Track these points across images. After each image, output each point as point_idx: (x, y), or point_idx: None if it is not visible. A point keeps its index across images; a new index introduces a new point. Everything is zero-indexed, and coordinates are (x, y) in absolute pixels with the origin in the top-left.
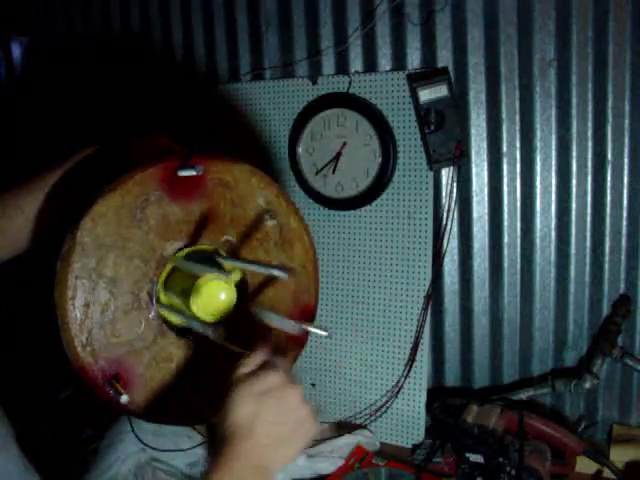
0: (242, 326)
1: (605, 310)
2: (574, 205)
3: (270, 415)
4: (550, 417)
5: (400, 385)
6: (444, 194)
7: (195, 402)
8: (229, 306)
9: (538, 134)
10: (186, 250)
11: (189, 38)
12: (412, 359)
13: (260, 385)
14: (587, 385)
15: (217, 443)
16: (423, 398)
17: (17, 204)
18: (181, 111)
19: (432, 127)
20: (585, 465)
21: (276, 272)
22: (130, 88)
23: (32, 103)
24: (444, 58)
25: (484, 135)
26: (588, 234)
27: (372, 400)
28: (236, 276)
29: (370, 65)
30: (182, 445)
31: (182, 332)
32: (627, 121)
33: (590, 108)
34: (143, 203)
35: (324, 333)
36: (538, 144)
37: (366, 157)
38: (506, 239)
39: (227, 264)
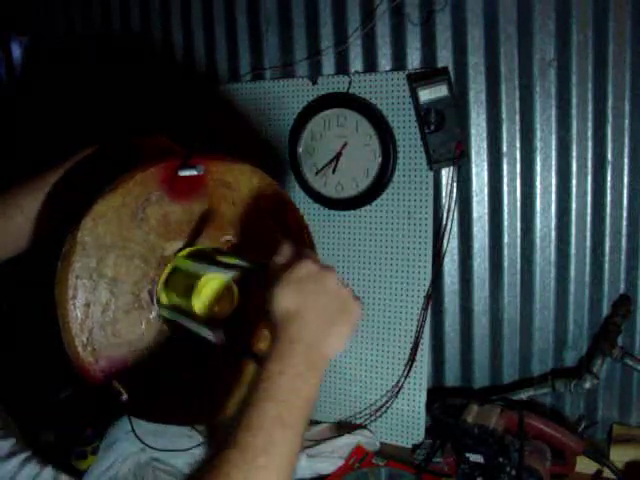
0: (244, 324)
1: (605, 310)
2: (574, 205)
3: (313, 298)
4: (550, 417)
5: (400, 385)
6: (444, 194)
7: (195, 402)
8: (231, 304)
9: (538, 134)
10: (186, 250)
11: (189, 38)
12: (412, 359)
13: (298, 272)
14: (587, 385)
15: (271, 333)
16: (423, 398)
17: (17, 203)
18: (181, 111)
19: (432, 127)
20: (585, 465)
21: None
22: (130, 88)
23: (32, 103)
24: (444, 58)
25: (484, 135)
26: (588, 234)
27: (372, 400)
28: (236, 274)
29: (370, 65)
30: (182, 445)
31: (183, 332)
32: (627, 121)
33: (590, 108)
34: (144, 203)
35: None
36: (538, 144)
37: (366, 157)
38: (506, 239)
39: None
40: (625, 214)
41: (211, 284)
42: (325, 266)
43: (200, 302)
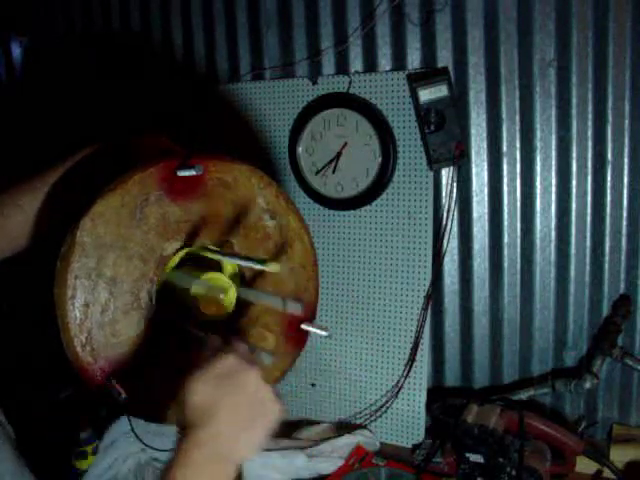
0: (242, 328)
1: (605, 310)
2: (574, 205)
3: (228, 399)
4: (550, 417)
5: (400, 385)
6: (444, 194)
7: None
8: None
9: (538, 134)
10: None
11: (189, 38)
12: (412, 359)
13: (215, 369)
14: (587, 385)
15: (179, 433)
16: (423, 398)
17: (16, 203)
18: (181, 111)
19: (432, 127)
20: (585, 465)
21: (257, 266)
22: (130, 88)
23: (32, 103)
24: (444, 58)
25: (484, 135)
26: (588, 234)
27: (372, 400)
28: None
29: (370, 65)
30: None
31: (182, 332)
32: (627, 121)
33: (590, 108)
34: (143, 203)
35: (324, 333)
36: (538, 144)
37: (366, 157)
38: (506, 239)
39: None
40: (625, 214)
41: (208, 281)
42: (248, 362)
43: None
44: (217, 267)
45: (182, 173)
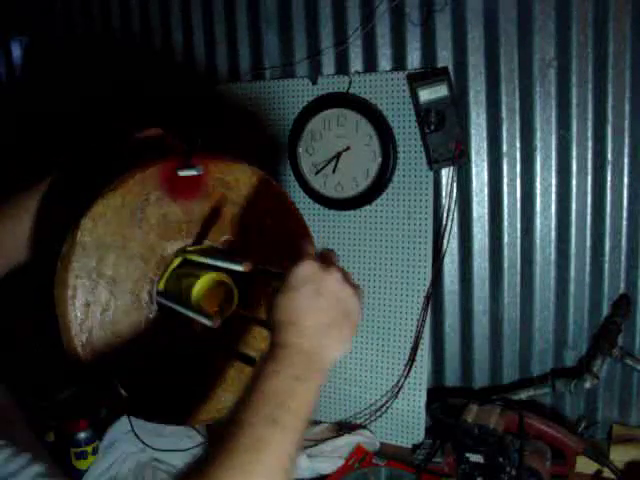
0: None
1: (605, 310)
2: (574, 205)
3: (310, 303)
4: (550, 417)
5: (400, 385)
6: (444, 194)
7: (195, 402)
8: (230, 304)
9: (538, 134)
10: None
11: (189, 38)
12: (412, 359)
13: (296, 275)
14: (587, 385)
15: (270, 338)
16: (423, 398)
17: (25, 206)
18: (181, 111)
19: (432, 127)
20: (585, 465)
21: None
22: (130, 88)
23: (32, 103)
24: (444, 58)
25: (484, 135)
26: (588, 234)
27: (372, 400)
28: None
29: (370, 65)
30: (182, 445)
31: (181, 333)
32: (627, 121)
33: (590, 108)
34: (143, 203)
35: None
36: (538, 144)
37: (366, 157)
38: (506, 239)
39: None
40: (625, 214)
41: (210, 281)
42: (327, 266)
43: (198, 294)
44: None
45: (183, 173)
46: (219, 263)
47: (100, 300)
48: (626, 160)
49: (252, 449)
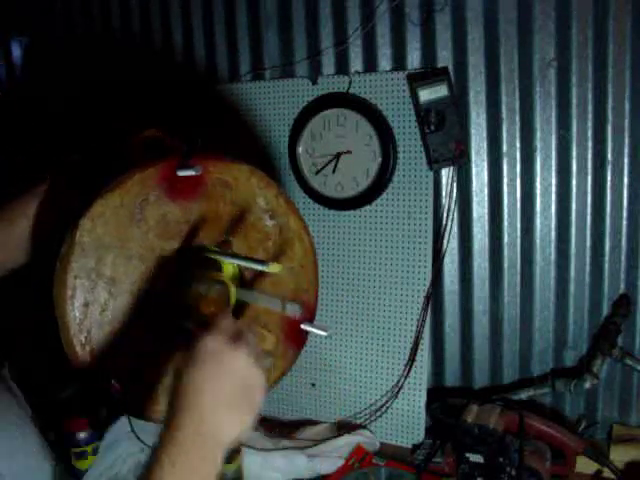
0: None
1: (605, 310)
2: (574, 205)
3: (213, 382)
4: (550, 417)
5: (400, 385)
6: (444, 194)
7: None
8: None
9: (538, 134)
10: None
11: (189, 38)
12: (412, 359)
13: (199, 351)
14: (587, 385)
15: (172, 402)
16: (423, 398)
17: (22, 210)
18: (181, 111)
19: (432, 127)
20: (585, 465)
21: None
22: (130, 88)
23: (32, 103)
24: (444, 58)
25: (484, 135)
26: (588, 234)
27: (372, 400)
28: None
29: (370, 65)
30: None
31: (181, 334)
32: (627, 121)
33: (590, 108)
34: (142, 203)
35: (324, 333)
36: (538, 144)
37: (366, 157)
38: (506, 239)
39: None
40: (625, 214)
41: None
42: (235, 340)
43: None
44: (217, 268)
45: (182, 173)
46: (238, 262)
47: (99, 300)
48: (626, 160)
49: None
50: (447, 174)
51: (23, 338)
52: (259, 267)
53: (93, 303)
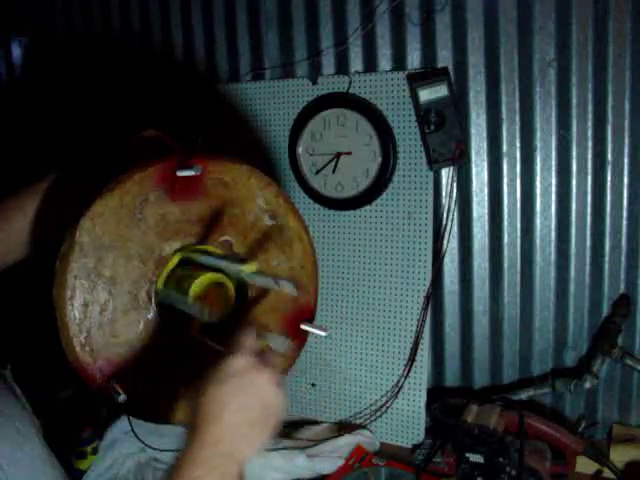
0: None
1: (605, 310)
2: (574, 205)
3: (235, 401)
4: (550, 417)
5: (400, 385)
6: (444, 194)
7: (195, 402)
8: (226, 304)
9: (538, 134)
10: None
11: (189, 38)
12: (412, 359)
13: (225, 369)
14: (587, 385)
15: (192, 424)
16: (423, 398)
17: (20, 207)
18: (181, 111)
19: (432, 127)
20: (585, 465)
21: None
22: (130, 88)
23: (32, 103)
24: (444, 58)
25: (484, 135)
26: (588, 234)
27: (372, 400)
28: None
29: (370, 65)
30: (182, 445)
31: (181, 333)
32: (627, 121)
33: (590, 108)
34: (142, 203)
35: (323, 333)
36: (538, 144)
37: (366, 157)
38: (506, 239)
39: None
40: (625, 214)
41: (207, 281)
42: (259, 363)
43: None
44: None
45: (181, 173)
46: (218, 263)
47: (99, 300)
48: (626, 160)
49: None
50: (447, 174)
51: (23, 338)
52: (233, 267)
53: (93, 303)
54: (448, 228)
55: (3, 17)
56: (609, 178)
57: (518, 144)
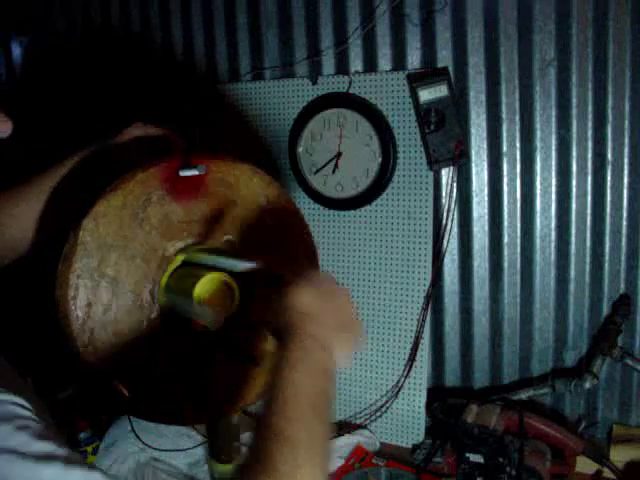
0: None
1: (605, 310)
2: (574, 205)
3: (329, 305)
4: (550, 417)
5: (400, 385)
6: (444, 194)
7: (196, 402)
8: (232, 303)
9: (538, 134)
10: (188, 251)
11: (189, 38)
12: (412, 359)
13: (317, 281)
14: (587, 385)
15: (286, 329)
16: (423, 398)
17: (10, 213)
18: (181, 111)
19: (432, 127)
20: (585, 465)
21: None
22: (130, 88)
23: (32, 103)
24: (444, 58)
25: (484, 135)
26: (588, 234)
27: (372, 400)
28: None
29: (370, 65)
30: (182, 445)
31: (183, 333)
32: (627, 121)
33: (590, 108)
34: (145, 203)
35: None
36: (538, 144)
37: (366, 157)
38: (506, 239)
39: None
40: (625, 214)
41: (211, 281)
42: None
43: (200, 293)
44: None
45: (184, 173)
46: (221, 262)
47: (102, 300)
48: (626, 160)
49: (308, 445)
50: (447, 174)
51: (23, 338)
52: (235, 266)
53: (96, 303)
54: (448, 228)
55: (3, 17)
56: (609, 178)
57: (518, 144)
